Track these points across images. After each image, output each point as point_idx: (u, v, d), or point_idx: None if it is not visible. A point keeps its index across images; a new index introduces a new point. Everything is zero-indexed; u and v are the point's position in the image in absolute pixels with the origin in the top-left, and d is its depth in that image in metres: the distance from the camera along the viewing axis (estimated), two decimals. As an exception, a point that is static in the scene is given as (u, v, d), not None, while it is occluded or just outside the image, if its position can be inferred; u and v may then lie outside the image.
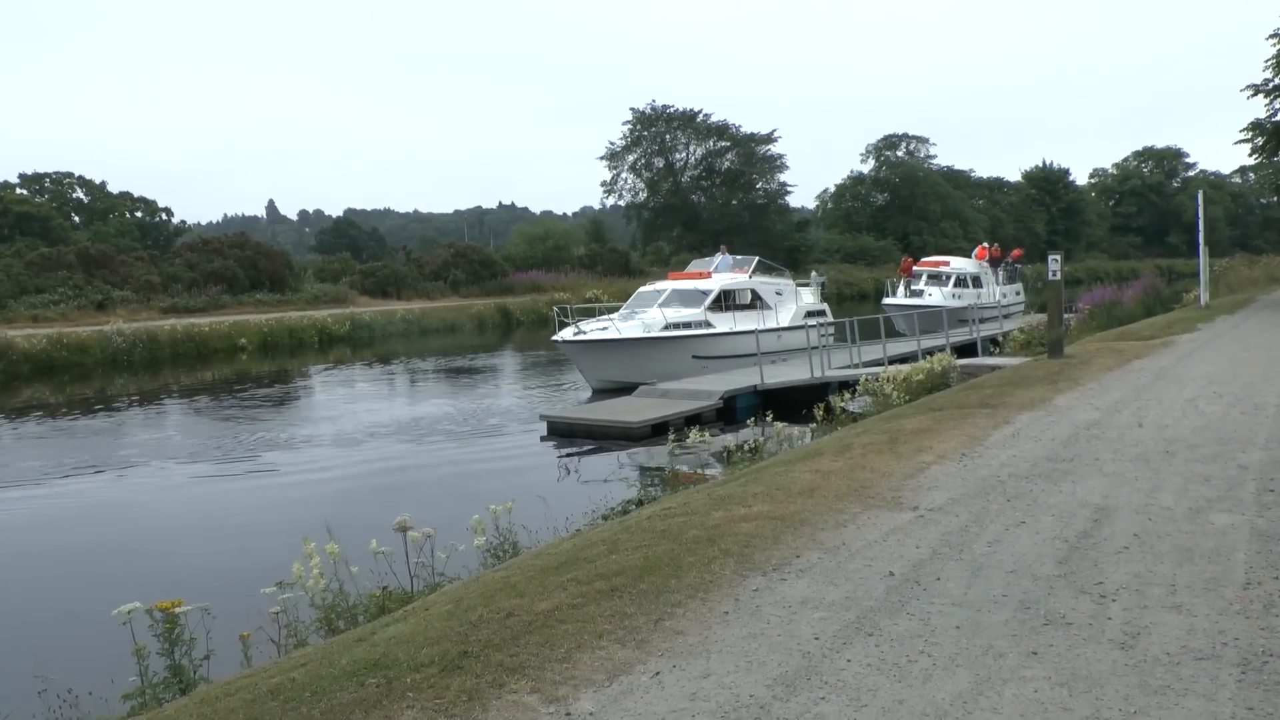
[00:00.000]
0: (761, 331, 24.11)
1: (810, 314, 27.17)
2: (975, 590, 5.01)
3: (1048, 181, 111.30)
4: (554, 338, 23.36)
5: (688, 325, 23.81)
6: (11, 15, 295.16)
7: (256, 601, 6.44)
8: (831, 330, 27.22)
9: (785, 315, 26.54)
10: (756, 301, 26.34)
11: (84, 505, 13.54)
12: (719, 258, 28.22)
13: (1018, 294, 41.91)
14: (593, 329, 23.00)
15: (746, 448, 11.83)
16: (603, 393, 22.02)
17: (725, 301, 25.36)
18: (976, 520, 6.32)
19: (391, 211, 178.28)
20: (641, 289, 27.22)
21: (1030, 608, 4.73)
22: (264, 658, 5.91)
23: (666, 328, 23.25)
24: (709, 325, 24.17)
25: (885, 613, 4.75)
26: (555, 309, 25.32)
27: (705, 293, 25.01)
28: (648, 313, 23.98)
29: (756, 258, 28.67)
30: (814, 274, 31.21)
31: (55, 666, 6.82)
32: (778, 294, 27.29)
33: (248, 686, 4.59)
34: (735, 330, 24.46)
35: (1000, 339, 25.03)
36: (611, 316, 24.12)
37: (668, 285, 26.25)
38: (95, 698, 6.06)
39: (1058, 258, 16.35)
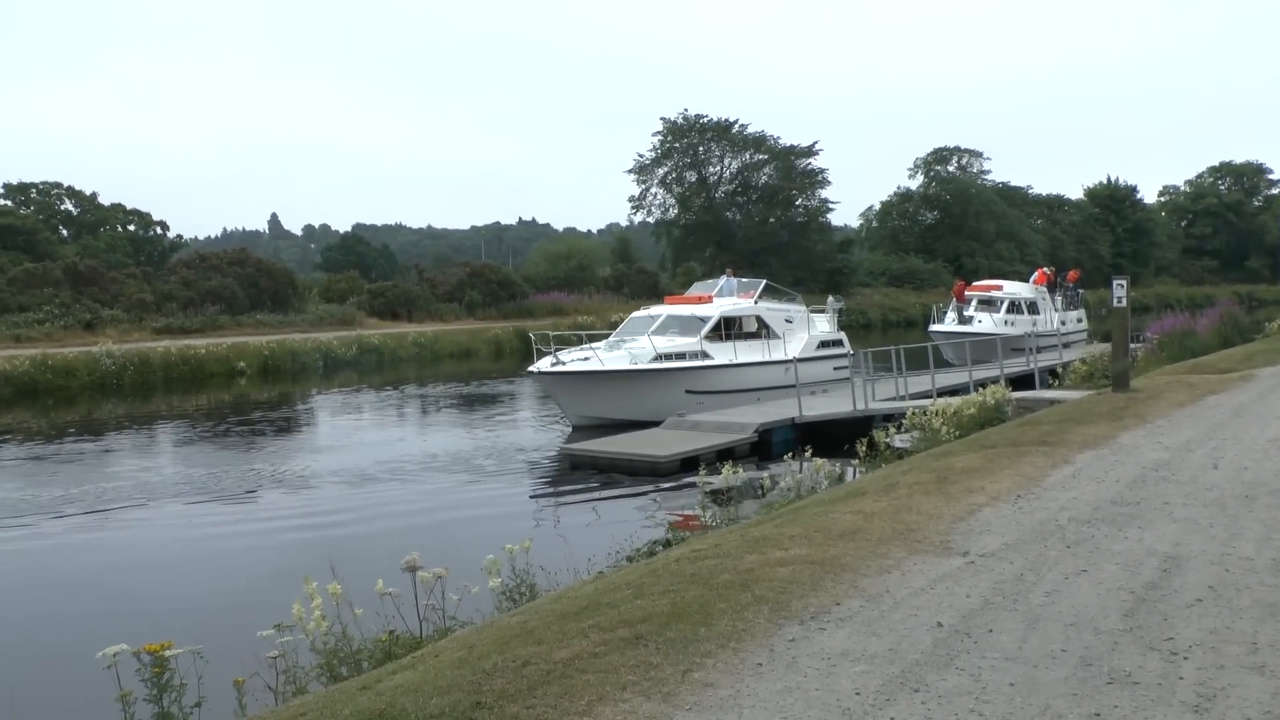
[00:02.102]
0: (767, 364, 23.87)
1: (825, 343, 26.83)
2: (1031, 644, 4.98)
3: (1113, 200, 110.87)
4: (530, 368, 22.85)
5: (681, 356, 23.15)
6: None
7: (253, 645, 6.46)
8: (848, 362, 26.93)
9: (796, 345, 25.95)
10: (763, 330, 25.84)
11: (67, 541, 13.63)
12: (723, 280, 27.73)
13: (1079, 321, 41.75)
14: (573, 359, 22.45)
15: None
16: (582, 430, 21.69)
17: (727, 330, 24.85)
18: (1033, 568, 6.28)
19: (403, 227, 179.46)
20: (634, 314, 26.77)
21: (1092, 665, 4.69)
22: (260, 706, 5.94)
23: (656, 359, 22.62)
24: (706, 356, 23.55)
25: (932, 667, 4.73)
26: (533, 336, 24.76)
27: (703, 320, 24.42)
28: (637, 341, 23.42)
29: (764, 281, 28.27)
30: (830, 300, 30.70)
31: (33, 713, 6.87)
32: (788, 321, 26.72)
33: (242, 737, 4.61)
34: (735, 362, 23.95)
35: (1060, 370, 24.90)
36: (596, 346, 23.46)
37: (663, 311, 25.68)
38: (77, 747, 6.11)
39: (1124, 282, 16.29)
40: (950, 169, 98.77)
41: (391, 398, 31.48)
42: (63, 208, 74.94)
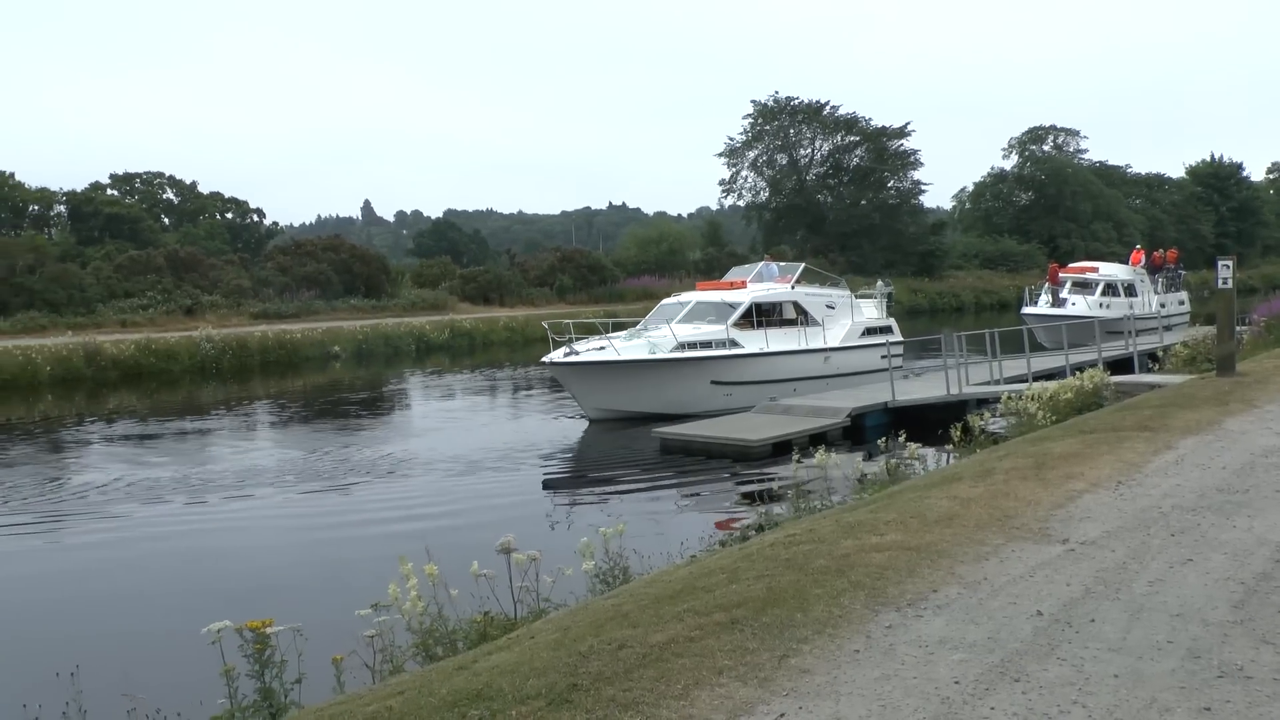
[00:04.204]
0: (801, 352, 23.06)
1: (870, 330, 25.79)
2: (1135, 635, 4.87)
3: (1217, 178, 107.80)
4: (544, 359, 21.97)
5: (707, 345, 21.93)
6: (101, 13, 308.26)
7: (350, 623, 6.55)
8: (900, 351, 25.83)
9: (837, 333, 24.82)
10: (801, 316, 24.47)
11: (174, 521, 13.98)
12: (761, 265, 26.73)
13: (1181, 303, 40.72)
14: (588, 349, 21.43)
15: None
16: (600, 423, 21.16)
17: (760, 316, 23.49)
18: (1135, 556, 6.15)
19: (494, 213, 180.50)
20: (665, 301, 25.68)
21: (1201, 657, 4.58)
22: (358, 683, 6.02)
23: (678, 348, 21.47)
24: (734, 345, 22.29)
25: (1033, 657, 4.65)
26: (546, 325, 23.70)
27: (733, 306, 23.16)
28: (660, 330, 22.35)
29: (802, 264, 27.11)
30: (879, 284, 29.45)
31: (143, 685, 7.07)
32: (829, 308, 25.33)
33: (342, 714, 4.69)
34: (765, 351, 22.77)
35: (1160, 354, 24.32)
36: (616, 335, 22.60)
37: (692, 298, 24.56)
38: (183, 720, 6.26)
39: (1229, 263, 15.86)
40: (1045, 148, 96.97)
41: (483, 381, 31.77)
42: (164, 196, 76.87)
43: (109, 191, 70.78)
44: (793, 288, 25.19)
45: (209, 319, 41.69)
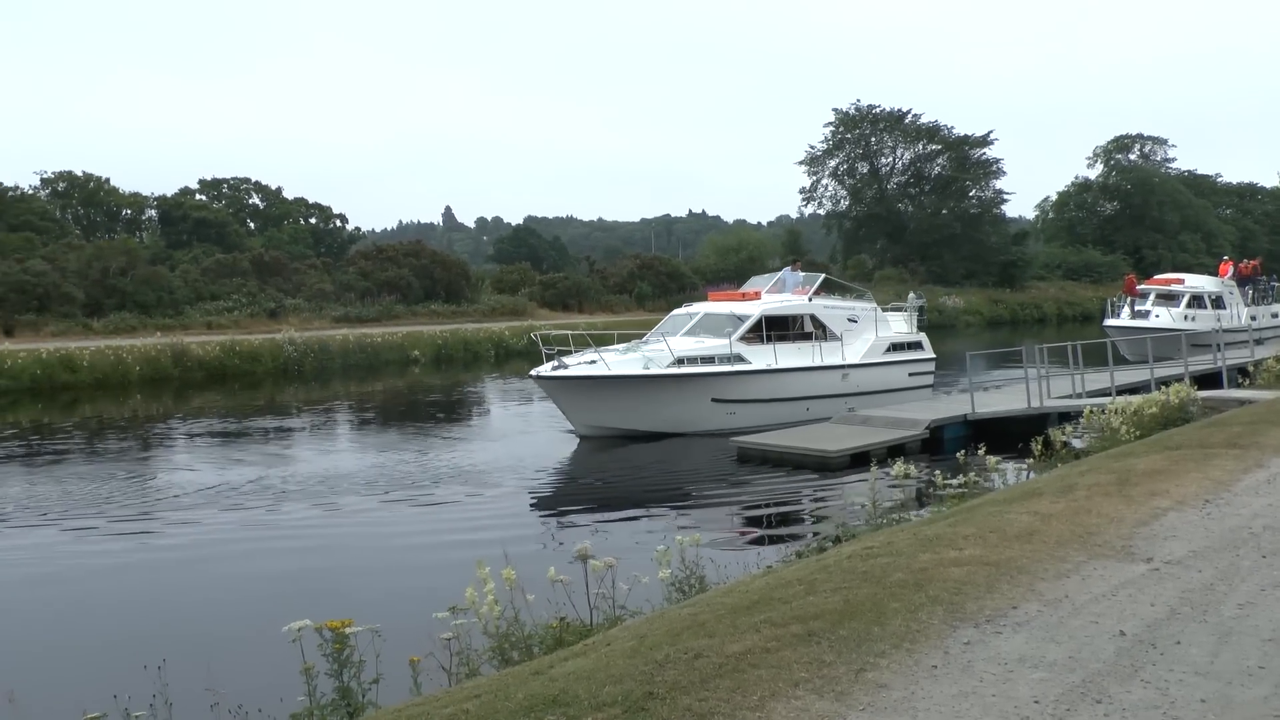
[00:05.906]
0: (812, 369, 22.14)
1: (897, 346, 24.52)
2: (1224, 659, 4.76)
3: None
4: (532, 372, 21.32)
5: (708, 360, 20.75)
6: (189, 23, 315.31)
7: (427, 626, 6.61)
8: (931, 369, 24.93)
9: (858, 348, 23.49)
10: (818, 330, 23.07)
11: (255, 523, 14.22)
12: (783, 273, 25.15)
13: (1274, 316, 39.74)
14: (578, 364, 20.62)
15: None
16: (590, 440, 20.39)
17: (773, 330, 22.20)
18: (1223, 577, 6.01)
19: (574, 219, 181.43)
20: (675, 312, 24.42)
21: (1293, 683, 4.46)
22: (433, 685, 6.08)
23: (675, 363, 20.31)
24: (739, 360, 21.01)
25: (1115, 678, 4.57)
26: (536, 336, 22.97)
27: (742, 318, 21.95)
28: (659, 344, 21.12)
29: (822, 275, 25.81)
30: (911, 296, 28.15)
31: (226, 681, 7.18)
32: (850, 321, 23.89)
33: (419, 716, 4.73)
34: (772, 367, 21.43)
35: (1251, 369, 23.73)
36: (616, 346, 21.84)
37: (700, 309, 23.32)
38: (264, 715, 6.36)
39: (1323, 278, 15.46)
40: (1132, 157, 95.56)
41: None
42: (250, 202, 78.59)
43: (197, 196, 72.50)
44: (810, 300, 23.73)
45: (292, 322, 42.53)
